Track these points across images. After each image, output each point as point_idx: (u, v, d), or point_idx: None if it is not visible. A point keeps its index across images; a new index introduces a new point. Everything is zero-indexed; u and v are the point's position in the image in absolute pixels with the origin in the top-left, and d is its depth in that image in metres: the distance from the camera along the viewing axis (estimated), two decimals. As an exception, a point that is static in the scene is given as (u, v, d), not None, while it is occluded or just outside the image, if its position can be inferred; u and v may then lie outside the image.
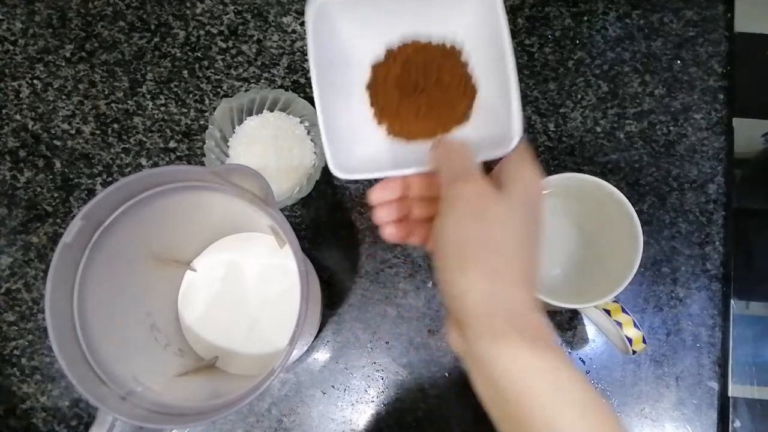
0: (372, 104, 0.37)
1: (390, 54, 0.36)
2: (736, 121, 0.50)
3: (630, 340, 0.39)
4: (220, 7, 0.52)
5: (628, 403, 0.46)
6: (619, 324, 0.39)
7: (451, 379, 0.47)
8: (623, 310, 0.40)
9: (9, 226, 0.49)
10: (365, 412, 0.46)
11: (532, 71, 0.51)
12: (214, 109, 0.47)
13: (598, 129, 0.50)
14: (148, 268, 0.41)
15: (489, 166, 0.32)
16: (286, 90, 0.49)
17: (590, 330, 0.47)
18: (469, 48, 0.36)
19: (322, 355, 0.47)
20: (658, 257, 0.48)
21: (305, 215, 0.49)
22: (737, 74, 0.51)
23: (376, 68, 0.37)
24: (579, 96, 0.50)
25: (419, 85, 0.35)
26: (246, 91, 0.50)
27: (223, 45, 0.51)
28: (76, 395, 0.47)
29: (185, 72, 0.51)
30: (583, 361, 0.47)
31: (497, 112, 0.34)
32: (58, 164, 0.50)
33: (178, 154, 0.50)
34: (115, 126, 0.50)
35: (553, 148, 0.50)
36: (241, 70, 0.51)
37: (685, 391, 0.46)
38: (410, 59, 0.36)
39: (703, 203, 0.49)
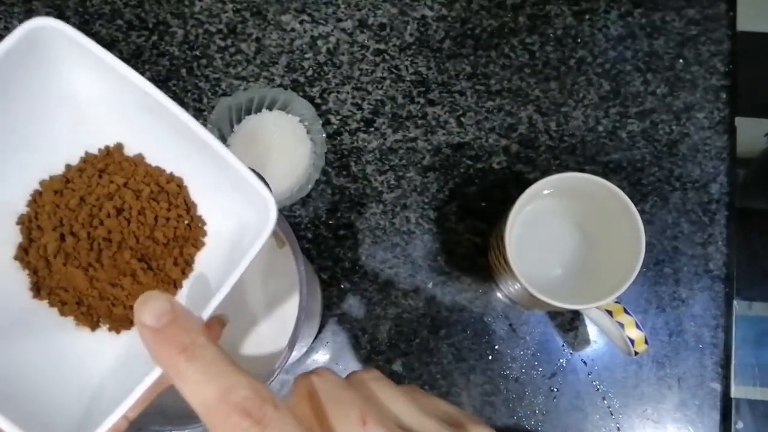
0: (28, 264, 0.24)
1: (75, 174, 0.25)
2: (739, 120, 0.50)
3: (632, 341, 0.39)
4: (219, 5, 0.51)
5: (629, 405, 0.46)
6: (621, 325, 0.39)
7: (450, 381, 0.46)
8: (625, 311, 0.40)
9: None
10: (365, 414, 0.46)
11: (533, 70, 0.50)
12: (213, 108, 0.47)
13: (600, 128, 0.50)
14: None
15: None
16: (285, 89, 0.48)
17: (592, 331, 0.47)
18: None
19: (321, 356, 0.47)
20: (661, 257, 0.48)
21: (304, 215, 0.48)
22: (740, 73, 0.50)
23: (47, 193, 0.24)
24: (581, 95, 0.50)
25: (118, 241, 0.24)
26: (245, 89, 0.50)
27: (222, 43, 0.51)
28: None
29: (183, 71, 0.50)
30: (584, 363, 0.47)
31: (234, 188, 0.24)
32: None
33: (177, 153, 0.49)
34: (113, 125, 0.50)
35: (555, 148, 0.49)
36: (239, 69, 0.50)
37: (687, 392, 0.46)
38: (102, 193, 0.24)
39: (705, 203, 0.49)
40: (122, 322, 0.25)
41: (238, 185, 0.23)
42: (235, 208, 0.25)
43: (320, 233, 0.48)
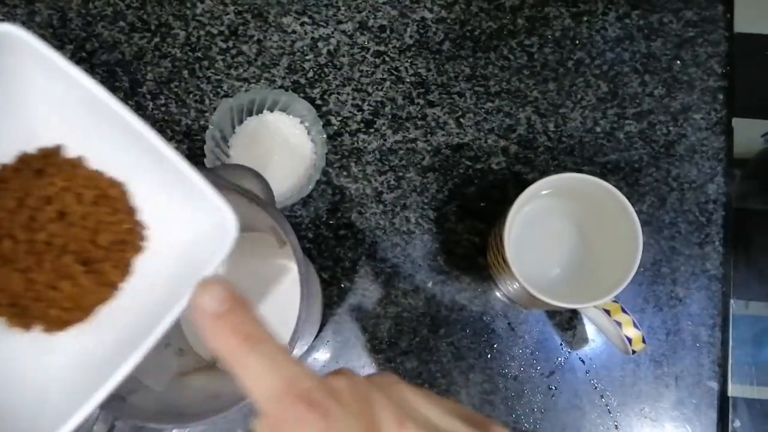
0: None
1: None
2: (736, 121, 0.50)
3: (629, 340, 0.39)
4: (221, 7, 0.52)
5: (627, 403, 0.46)
6: (619, 324, 0.39)
7: (449, 380, 0.47)
8: (623, 310, 0.40)
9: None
10: (365, 412, 0.46)
11: (531, 71, 0.51)
12: (215, 109, 0.47)
13: (598, 129, 0.50)
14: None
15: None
16: (286, 90, 0.49)
17: (590, 330, 0.47)
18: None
19: (322, 355, 0.47)
20: (658, 257, 0.48)
21: (305, 215, 0.49)
22: (737, 74, 0.51)
23: None
24: (579, 96, 0.51)
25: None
26: (246, 91, 0.50)
27: (224, 45, 0.51)
28: (76, 395, 0.47)
29: (185, 72, 0.51)
30: (582, 361, 0.47)
31: (189, 198, 0.23)
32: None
33: (179, 154, 0.50)
34: (116, 126, 0.50)
35: (553, 149, 0.50)
36: (241, 71, 0.51)
37: (684, 390, 0.47)
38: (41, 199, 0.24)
39: (702, 203, 0.49)
40: (57, 323, 0.24)
41: (194, 196, 0.23)
42: (189, 217, 0.25)
43: (321, 233, 0.49)
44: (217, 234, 0.23)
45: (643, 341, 0.40)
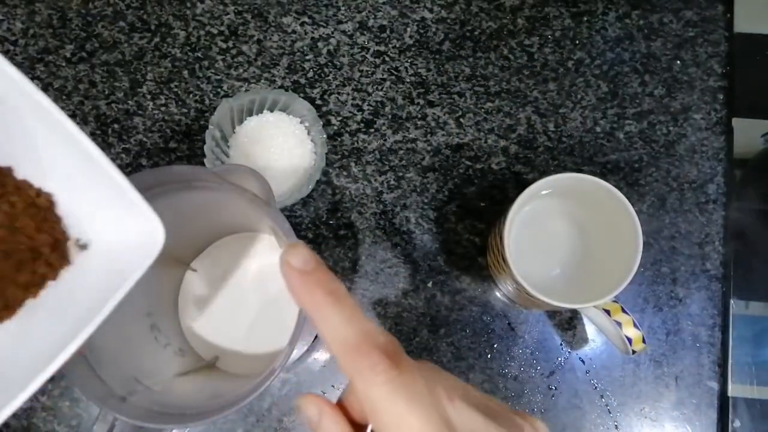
0: None
1: None
2: (736, 121, 0.50)
3: (629, 340, 0.39)
4: (221, 7, 0.52)
5: (627, 403, 0.46)
6: (619, 324, 0.39)
7: (451, 379, 0.47)
8: (623, 310, 0.40)
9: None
10: (365, 412, 0.46)
11: (531, 71, 0.51)
12: (215, 109, 0.47)
13: (598, 129, 0.50)
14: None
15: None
16: (286, 90, 0.49)
17: (590, 330, 0.47)
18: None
19: (322, 355, 0.47)
20: (658, 257, 0.48)
21: (305, 215, 0.49)
22: (737, 74, 0.51)
23: None
24: (579, 96, 0.51)
25: None
26: (246, 91, 0.50)
27: (224, 45, 0.51)
28: (76, 395, 0.47)
29: (185, 72, 0.51)
30: (582, 361, 0.47)
31: (118, 207, 0.23)
32: (58, 164, 0.50)
33: (179, 154, 0.50)
34: (116, 126, 0.50)
35: (553, 149, 0.50)
36: (241, 71, 0.51)
37: (684, 390, 0.47)
38: None
39: (702, 203, 0.49)
40: None
41: (124, 206, 0.23)
42: (117, 227, 0.25)
43: (321, 233, 0.49)
44: (144, 244, 0.23)
45: (643, 341, 0.40)
